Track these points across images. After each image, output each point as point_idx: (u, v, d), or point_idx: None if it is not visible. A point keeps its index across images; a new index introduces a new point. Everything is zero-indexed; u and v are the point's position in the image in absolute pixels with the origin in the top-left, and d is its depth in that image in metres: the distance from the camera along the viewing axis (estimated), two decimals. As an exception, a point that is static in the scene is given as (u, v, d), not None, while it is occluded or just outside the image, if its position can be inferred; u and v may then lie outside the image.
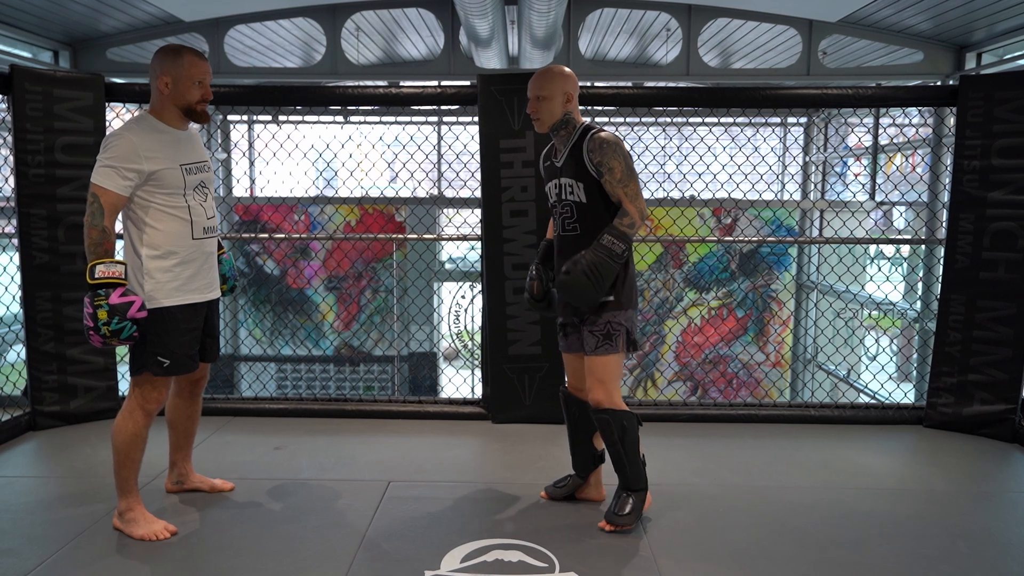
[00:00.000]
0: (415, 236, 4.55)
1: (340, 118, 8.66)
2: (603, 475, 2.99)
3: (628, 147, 2.74)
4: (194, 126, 2.74)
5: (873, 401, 5.27)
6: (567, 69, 2.77)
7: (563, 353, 2.94)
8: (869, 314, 7.80)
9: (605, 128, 2.73)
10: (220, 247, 2.91)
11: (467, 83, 5.87)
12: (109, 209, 2.48)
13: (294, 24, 5.99)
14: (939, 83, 5.77)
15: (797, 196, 9.02)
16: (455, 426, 3.97)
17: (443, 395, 5.66)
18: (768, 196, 8.77)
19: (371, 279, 8.82)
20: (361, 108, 8.34)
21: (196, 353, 2.73)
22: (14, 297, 3.95)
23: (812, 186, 8.98)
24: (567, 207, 2.73)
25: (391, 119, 8.76)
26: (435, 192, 8.74)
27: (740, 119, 8.05)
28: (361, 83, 6.02)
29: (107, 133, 2.60)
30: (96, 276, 2.43)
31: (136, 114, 2.67)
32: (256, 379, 7.68)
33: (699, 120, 7.67)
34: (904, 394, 6.71)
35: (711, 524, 2.82)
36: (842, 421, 4.02)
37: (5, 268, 4.03)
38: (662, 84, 6.29)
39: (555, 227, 2.84)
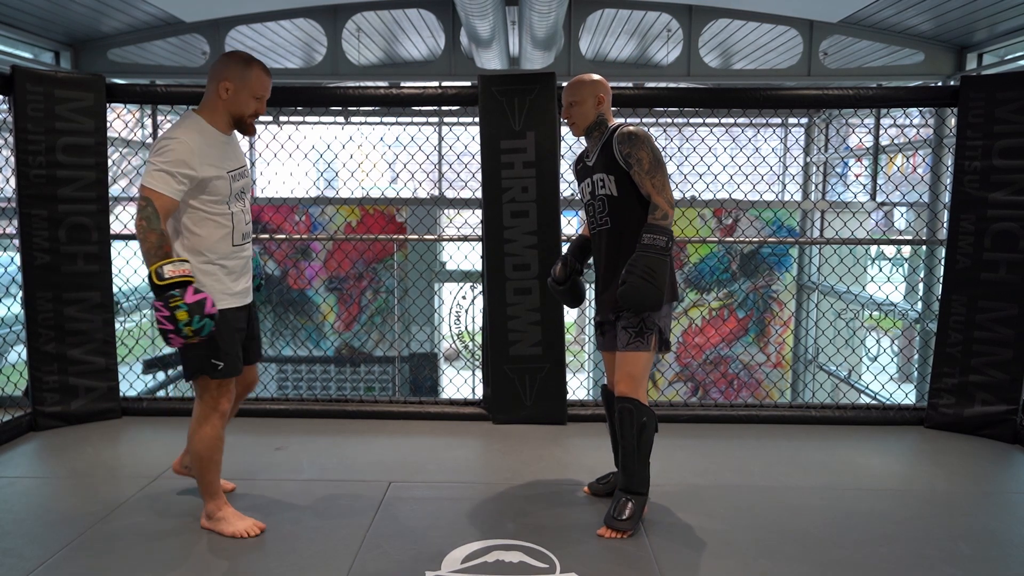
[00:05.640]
0: (416, 237, 4.55)
1: (341, 119, 8.67)
2: None
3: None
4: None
5: (874, 402, 5.26)
6: (596, 76, 2.88)
7: (601, 352, 3.00)
8: (870, 315, 7.80)
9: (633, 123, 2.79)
10: None
11: (468, 84, 5.88)
12: (163, 213, 2.44)
13: (295, 25, 5.99)
14: (940, 84, 5.77)
15: (798, 197, 9.02)
16: (456, 427, 3.97)
17: (444, 396, 5.66)
18: (769, 197, 8.77)
19: (372, 280, 8.83)
20: (362, 109, 8.35)
21: (241, 355, 2.74)
22: (15, 298, 3.95)
23: (813, 187, 8.99)
24: (600, 200, 2.79)
25: (392, 120, 8.77)
26: (436, 193, 8.75)
27: (741, 120, 8.06)
28: (362, 84, 6.02)
29: (159, 135, 2.56)
30: (165, 277, 2.39)
31: (185, 114, 2.60)
32: (257, 380, 7.67)
33: (700, 121, 7.66)
34: (905, 395, 6.71)
35: (712, 525, 2.82)
36: (843, 422, 4.02)
37: (6, 268, 4.03)
38: (663, 85, 6.29)
39: (588, 224, 2.90)
